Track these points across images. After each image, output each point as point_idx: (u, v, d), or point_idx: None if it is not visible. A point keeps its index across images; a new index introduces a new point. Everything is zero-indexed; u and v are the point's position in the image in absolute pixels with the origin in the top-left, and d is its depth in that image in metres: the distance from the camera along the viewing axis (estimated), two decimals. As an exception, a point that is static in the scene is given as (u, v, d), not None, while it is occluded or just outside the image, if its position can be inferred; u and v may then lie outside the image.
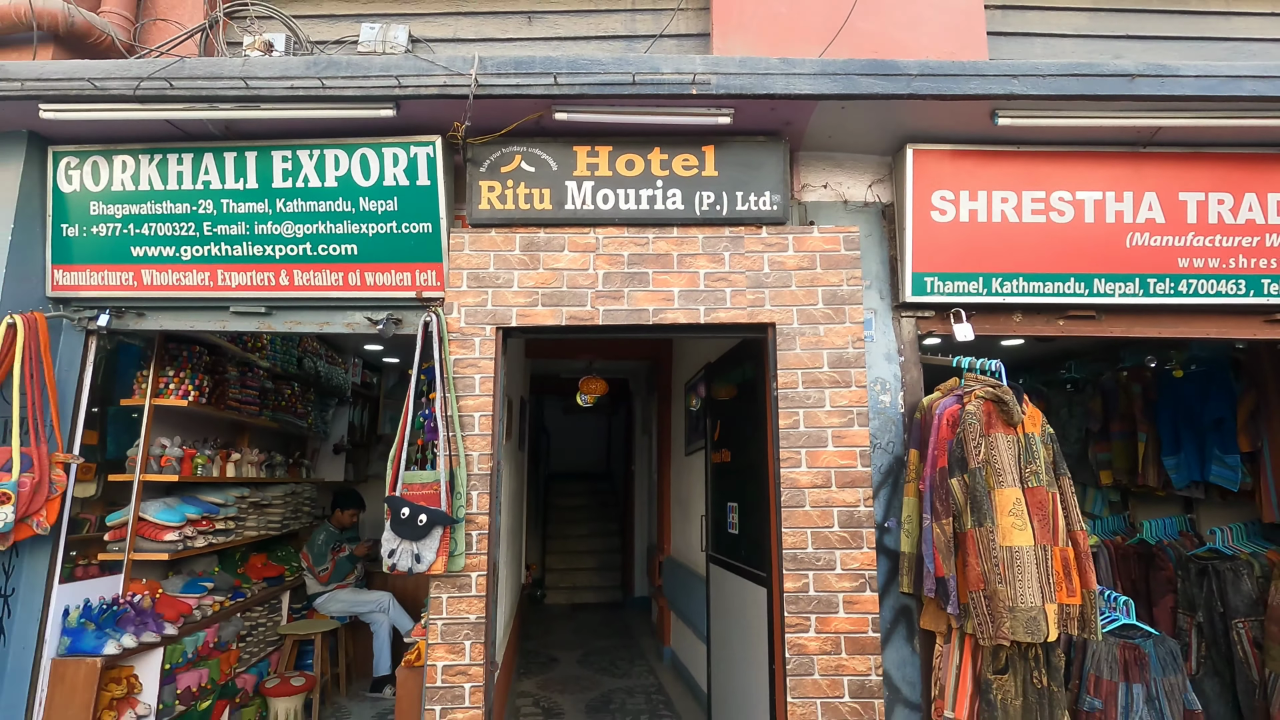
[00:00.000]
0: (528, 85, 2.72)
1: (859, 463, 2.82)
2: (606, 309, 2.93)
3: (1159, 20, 3.49)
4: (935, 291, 3.00)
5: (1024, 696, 2.56)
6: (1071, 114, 2.77)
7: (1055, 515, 2.67)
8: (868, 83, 2.69)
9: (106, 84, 2.75)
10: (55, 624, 3.01)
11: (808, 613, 2.71)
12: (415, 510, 2.67)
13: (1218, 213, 2.97)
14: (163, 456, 3.64)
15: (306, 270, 3.04)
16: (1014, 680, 2.55)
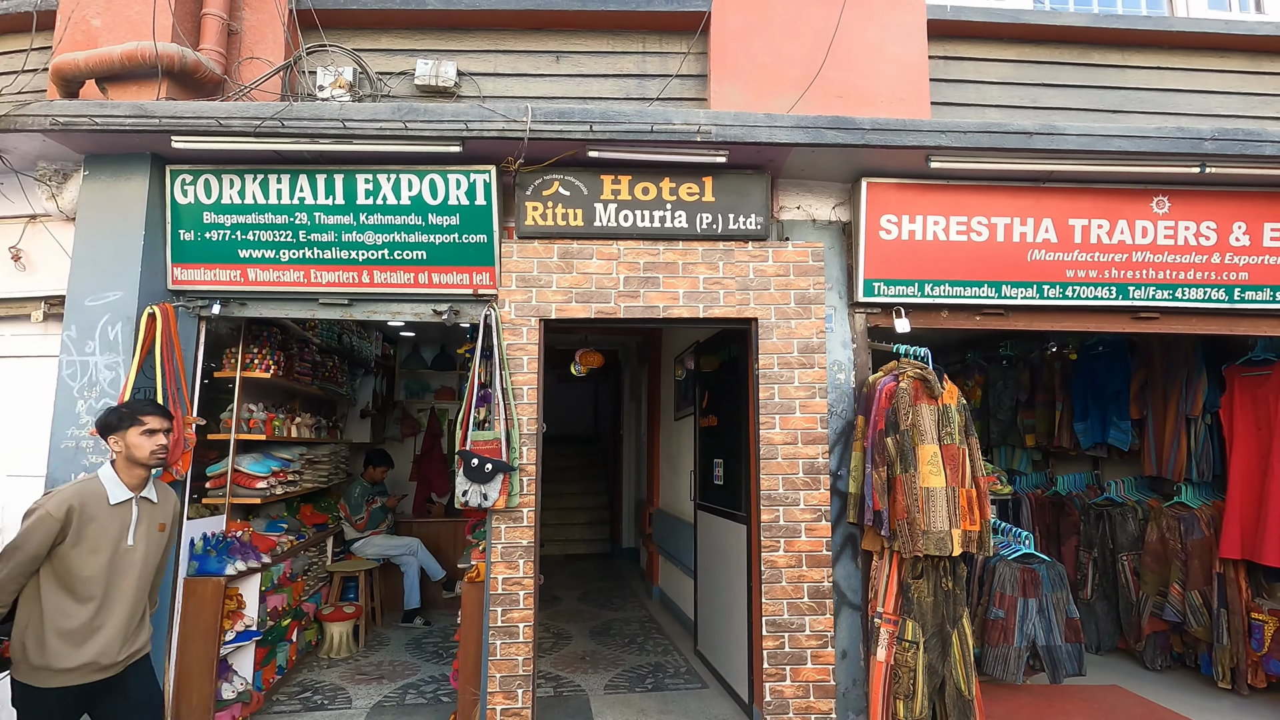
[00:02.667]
0: (568, 131, 3.47)
1: (819, 426, 3.70)
2: (627, 305, 3.73)
3: (1068, 71, 4.32)
4: (881, 294, 3.85)
5: (934, 596, 3.49)
6: (986, 160, 3.61)
7: (964, 465, 3.58)
8: (831, 134, 3.49)
9: (230, 122, 3.43)
10: (185, 551, 3.79)
11: (778, 537, 3.61)
12: (483, 461, 3.49)
13: (1097, 235, 3.85)
14: (251, 419, 4.39)
15: (384, 271, 3.79)
16: (927, 584, 3.48)
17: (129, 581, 2.54)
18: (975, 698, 3.55)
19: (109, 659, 2.48)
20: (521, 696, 3.48)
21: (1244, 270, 3.89)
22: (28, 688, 2.40)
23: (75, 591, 2.43)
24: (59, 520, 2.40)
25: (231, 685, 3.84)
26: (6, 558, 2.39)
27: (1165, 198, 3.85)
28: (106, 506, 2.51)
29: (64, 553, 2.42)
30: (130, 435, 2.59)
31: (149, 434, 2.60)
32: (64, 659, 2.39)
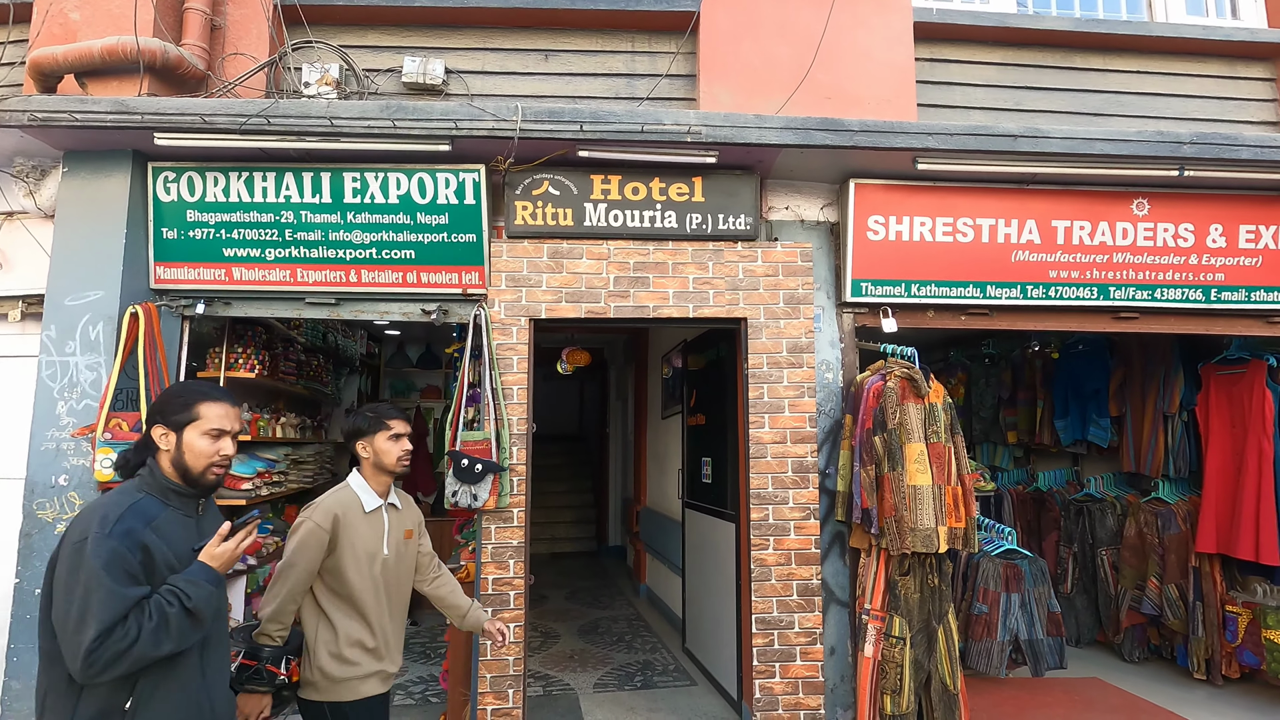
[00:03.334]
0: (558, 130, 3.46)
1: (808, 425, 3.73)
2: (617, 305, 3.74)
3: (1051, 74, 4.39)
4: (869, 294, 3.89)
5: (921, 592, 3.54)
6: (971, 162, 3.66)
7: (949, 463, 3.63)
8: (820, 136, 3.52)
9: (214, 119, 3.38)
10: (169, 554, 3.73)
11: (768, 535, 3.64)
12: (473, 461, 3.47)
13: (1079, 236, 3.92)
14: (235, 420, 4.34)
15: (371, 270, 3.76)
16: (914, 580, 3.53)
17: (391, 592, 2.42)
18: (960, 692, 3.61)
19: (394, 668, 2.42)
20: (512, 696, 3.48)
21: (1220, 271, 3.98)
22: (337, 705, 2.29)
23: (354, 604, 2.32)
24: (327, 531, 2.28)
25: (217, 689, 3.79)
26: (283, 577, 2.28)
27: (1145, 200, 3.93)
28: (363, 515, 2.38)
29: (334, 565, 2.30)
30: (378, 440, 2.45)
31: (395, 439, 2.46)
32: (364, 666, 2.31)
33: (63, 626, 1.61)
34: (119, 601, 1.61)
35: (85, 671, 1.58)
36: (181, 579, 1.72)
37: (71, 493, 3.43)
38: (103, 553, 1.62)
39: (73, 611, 1.59)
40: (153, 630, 1.63)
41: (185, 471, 1.83)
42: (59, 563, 1.67)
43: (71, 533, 1.68)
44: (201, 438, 1.84)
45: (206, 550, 1.81)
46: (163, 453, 1.84)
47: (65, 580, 1.63)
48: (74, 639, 1.58)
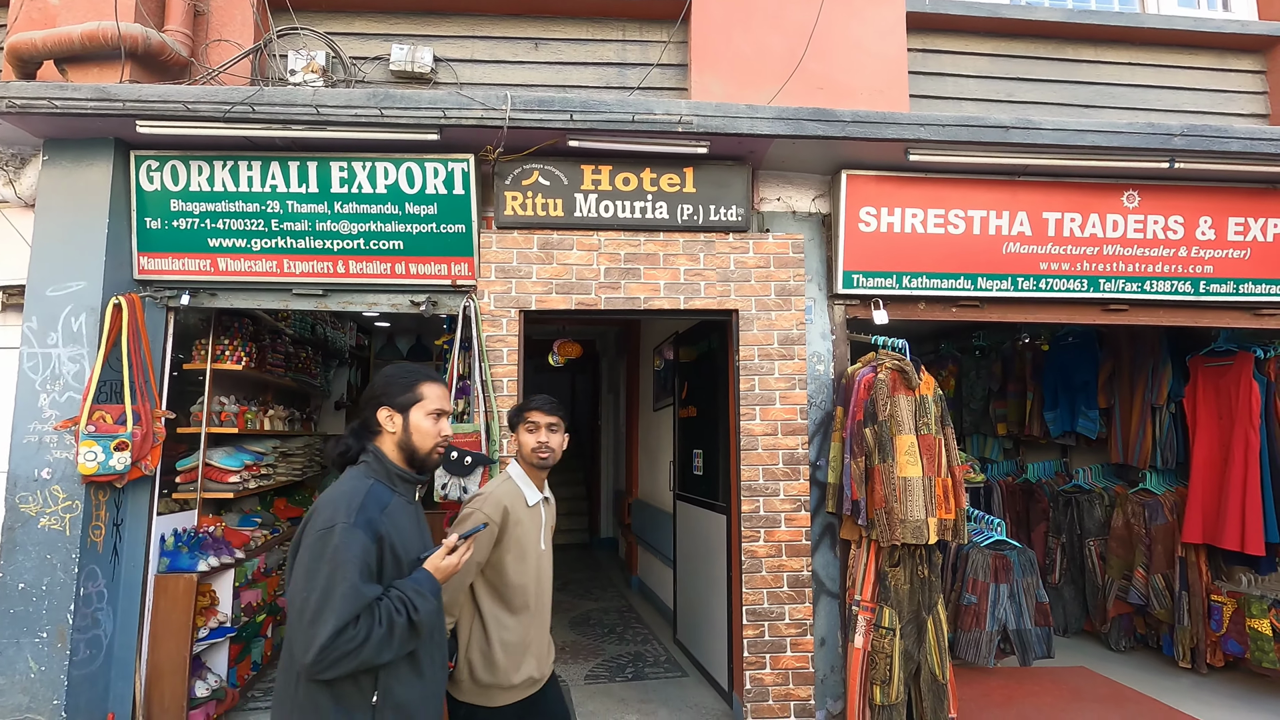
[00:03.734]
0: (548, 120, 3.43)
1: (799, 417, 3.73)
2: (607, 296, 3.71)
3: (1043, 65, 4.38)
4: (860, 285, 3.88)
5: (910, 584, 3.55)
6: (963, 153, 3.65)
7: (940, 455, 3.64)
8: (812, 126, 3.50)
9: (197, 106, 3.33)
10: (155, 548, 3.70)
11: (759, 527, 3.64)
12: (462, 454, 3.45)
13: (1070, 228, 3.92)
14: (222, 412, 4.29)
15: (360, 261, 3.71)
16: (904, 571, 3.54)
17: (545, 587, 2.37)
18: (949, 682, 3.62)
19: (541, 672, 2.32)
20: (503, 689, 3.47)
21: (1209, 264, 3.99)
22: (475, 709, 2.21)
23: (510, 602, 2.24)
24: (497, 524, 2.22)
25: (205, 683, 3.77)
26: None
27: (1135, 192, 3.93)
28: (525, 508, 2.34)
29: (498, 560, 2.24)
30: (520, 433, 2.43)
31: (531, 429, 2.42)
32: (511, 674, 2.21)
33: (299, 613, 1.56)
34: (358, 599, 1.56)
35: (314, 666, 1.53)
36: (410, 588, 1.67)
37: (55, 486, 3.39)
38: (351, 544, 1.59)
39: (312, 600, 1.54)
40: (381, 637, 1.59)
41: (412, 453, 1.83)
42: (302, 548, 1.63)
43: (317, 518, 1.64)
44: (426, 418, 1.84)
45: (433, 561, 1.77)
46: (387, 435, 1.82)
47: (308, 566, 1.58)
48: (309, 630, 1.53)
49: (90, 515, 3.41)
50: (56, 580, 3.32)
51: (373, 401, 1.84)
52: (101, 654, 3.44)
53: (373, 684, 1.65)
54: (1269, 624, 4.33)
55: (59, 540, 3.34)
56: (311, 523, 1.65)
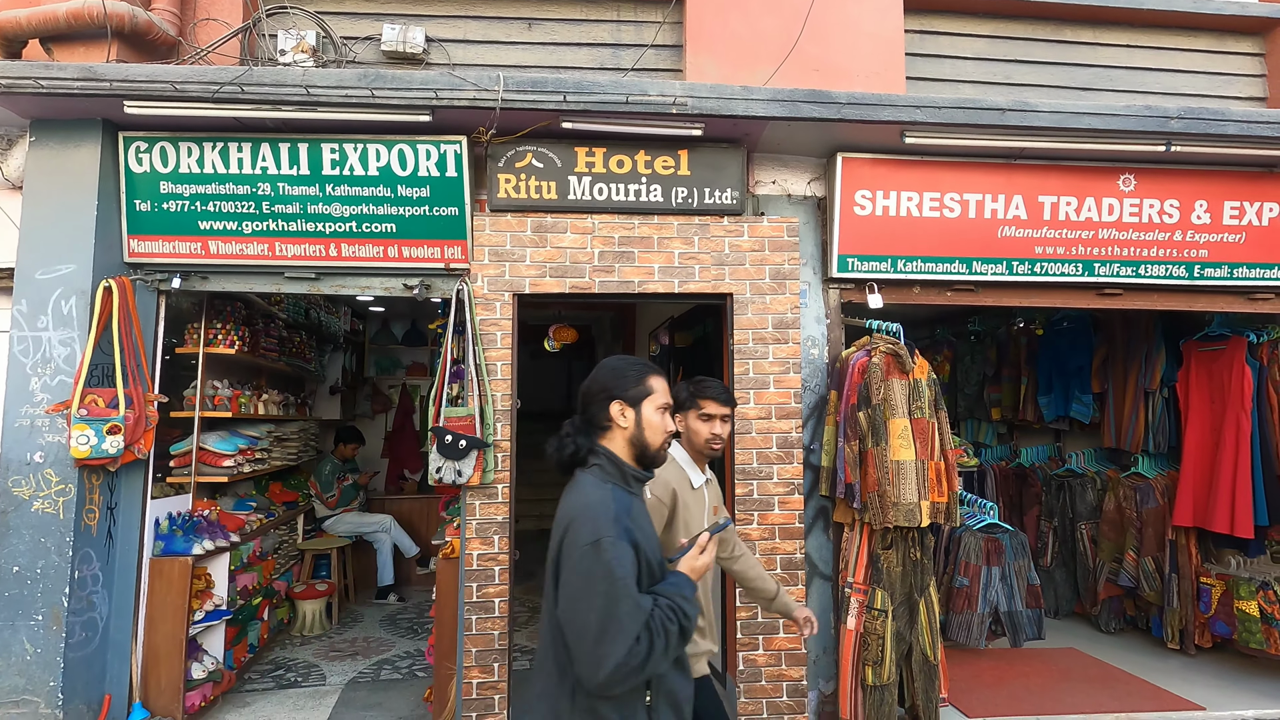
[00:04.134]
0: (542, 101, 3.39)
1: (793, 400, 3.73)
2: (601, 280, 3.70)
3: (1040, 47, 4.35)
4: (855, 269, 3.87)
5: (903, 566, 3.58)
6: (960, 136, 3.62)
7: (933, 439, 3.65)
8: (808, 108, 3.47)
9: (186, 86, 3.28)
10: (150, 531, 3.70)
11: (752, 510, 3.66)
12: (456, 437, 3.45)
13: (1066, 212, 3.91)
14: (215, 396, 4.28)
15: (352, 244, 3.69)
16: (896, 554, 3.56)
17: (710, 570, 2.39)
18: (941, 662, 3.66)
19: (715, 645, 2.36)
20: (498, 670, 3.50)
21: (1204, 248, 3.99)
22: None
23: None
24: (667, 506, 2.22)
25: (202, 665, 3.79)
26: None
27: (1132, 176, 3.91)
28: (690, 490, 2.33)
29: (667, 542, 2.22)
30: (690, 418, 2.40)
31: (706, 419, 2.39)
32: (698, 643, 2.24)
33: (580, 633, 1.50)
34: (639, 614, 1.50)
35: (607, 685, 1.48)
36: (676, 595, 1.61)
37: (48, 470, 3.38)
38: (622, 558, 1.52)
39: (593, 620, 1.48)
40: (661, 649, 1.53)
41: (643, 449, 1.74)
42: (567, 567, 1.54)
43: (577, 533, 1.55)
44: (655, 412, 1.75)
45: (687, 562, 1.71)
46: (617, 432, 1.73)
47: (580, 586, 1.51)
48: (595, 650, 1.47)
49: (84, 499, 3.41)
50: (51, 563, 3.33)
51: (602, 395, 1.73)
52: (97, 636, 3.46)
53: (645, 683, 1.60)
54: (1257, 605, 4.38)
55: (52, 524, 3.34)
56: (570, 538, 1.56)
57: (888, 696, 3.47)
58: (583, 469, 1.69)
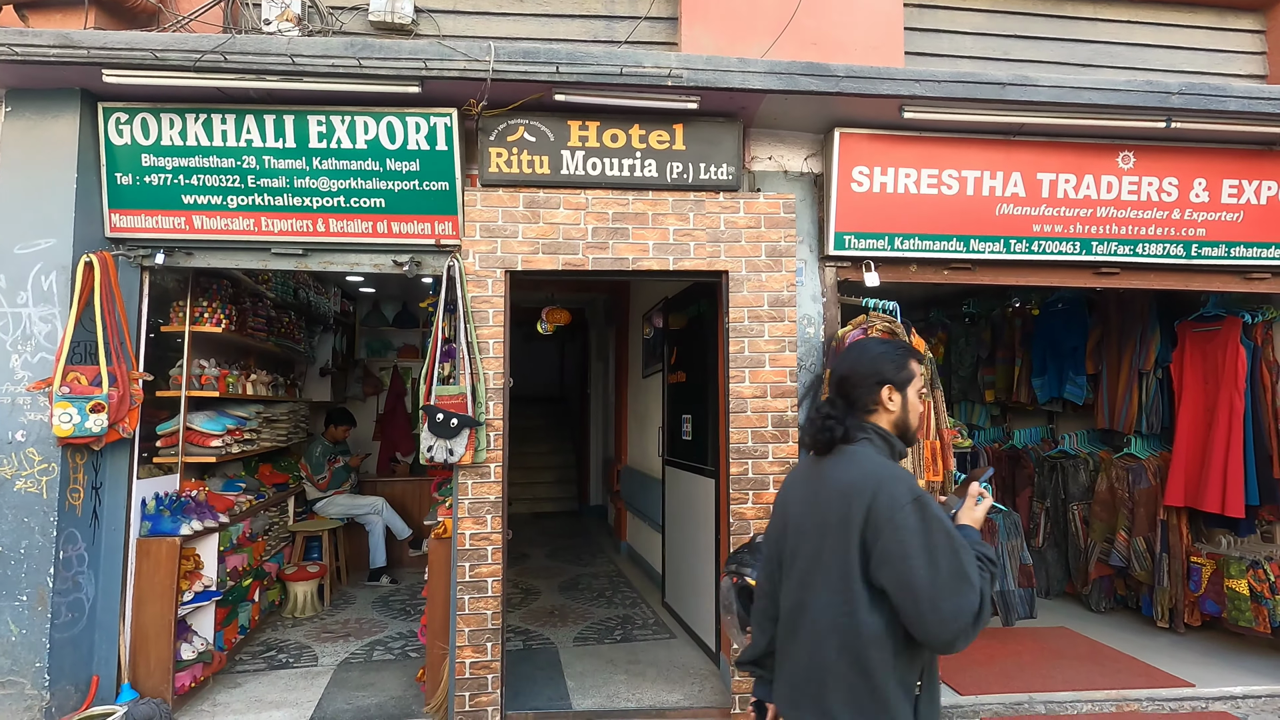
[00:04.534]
0: (534, 72, 3.31)
1: (788, 379, 3.70)
2: (595, 257, 3.64)
3: (1040, 23, 4.29)
4: (852, 247, 3.82)
5: (897, 544, 3.56)
6: (959, 111, 3.56)
7: (928, 418, 3.63)
8: (805, 81, 3.40)
9: (166, 55, 3.18)
10: (136, 511, 3.65)
11: (747, 489, 3.63)
12: (448, 416, 3.40)
13: (1064, 189, 3.87)
14: (202, 376, 4.21)
15: (340, 219, 3.61)
16: (891, 533, 3.55)
17: None
18: (934, 641, 3.67)
19: None
20: (490, 650, 3.48)
21: (1202, 226, 3.96)
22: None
23: None
24: None
25: (191, 645, 3.76)
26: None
27: (1131, 153, 3.87)
28: None
29: None
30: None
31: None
32: None
33: (921, 593, 1.43)
34: (975, 566, 1.49)
35: (958, 637, 1.43)
36: (979, 547, 1.59)
37: (30, 448, 3.32)
38: (943, 512, 1.50)
39: (938, 575, 1.43)
40: (988, 598, 1.48)
41: (905, 431, 1.73)
42: (888, 530, 1.47)
43: (895, 494, 1.50)
44: (916, 395, 1.75)
45: (966, 514, 1.70)
46: (884, 414, 1.71)
47: (917, 544, 1.45)
48: (953, 602, 1.42)
49: (68, 478, 3.35)
50: (35, 544, 3.27)
51: (871, 380, 1.70)
52: (84, 617, 3.41)
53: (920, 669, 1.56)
54: (1247, 584, 4.40)
55: (36, 503, 3.28)
56: (882, 501, 1.50)
57: (881, 674, 3.47)
58: (847, 443, 1.66)
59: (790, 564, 1.68)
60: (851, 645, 1.51)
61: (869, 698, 1.50)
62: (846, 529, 1.53)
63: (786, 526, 1.72)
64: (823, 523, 1.59)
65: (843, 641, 1.52)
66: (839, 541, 1.54)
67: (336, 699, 3.83)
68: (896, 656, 1.50)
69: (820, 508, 1.61)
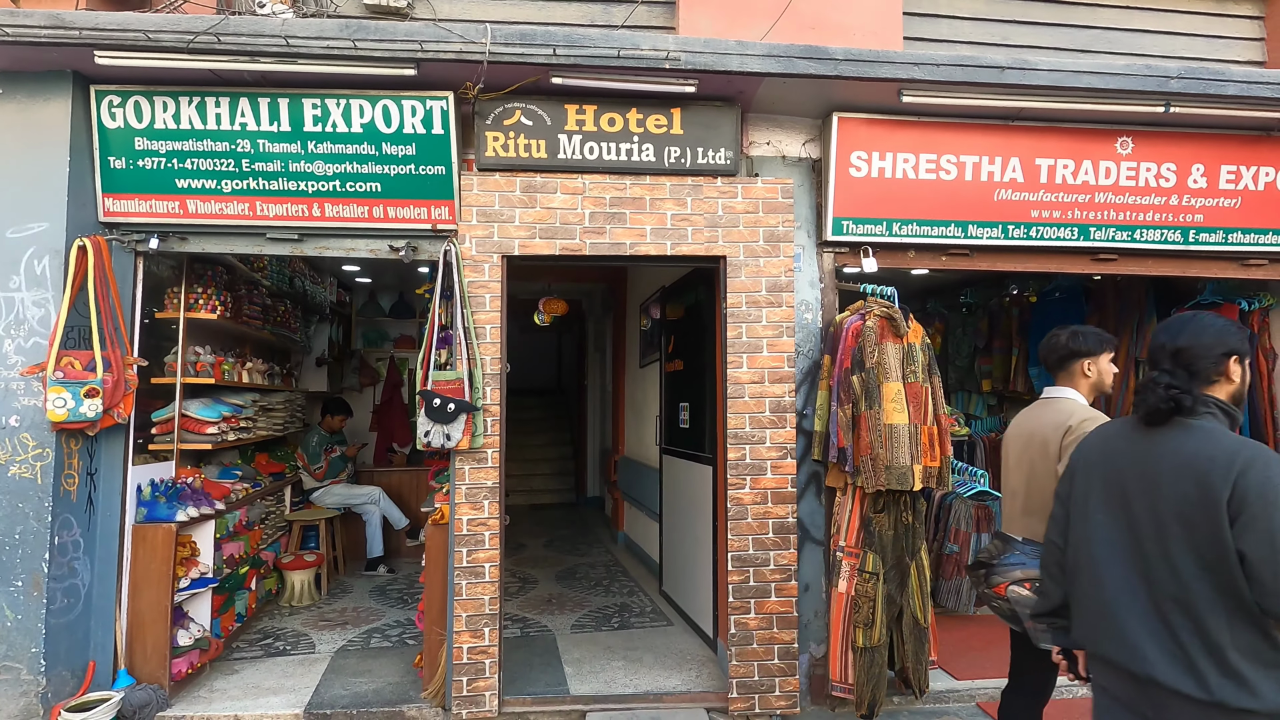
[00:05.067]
0: (531, 54, 3.29)
1: (786, 365, 3.69)
2: (592, 242, 3.62)
3: (1039, 8, 4.28)
4: (850, 233, 3.81)
5: (894, 529, 3.57)
6: (957, 95, 3.55)
7: (926, 403, 3.63)
8: (804, 64, 3.38)
9: (159, 36, 3.15)
10: (132, 497, 3.63)
11: (744, 475, 3.63)
12: (445, 400, 3.39)
13: (1063, 175, 3.86)
14: (198, 362, 4.19)
15: (336, 204, 3.59)
16: (888, 517, 3.55)
17: None
18: (930, 625, 3.68)
19: None
20: (488, 635, 3.48)
21: (1199, 212, 3.96)
22: None
23: None
24: None
25: (188, 632, 3.75)
26: None
27: (1129, 138, 3.86)
28: None
29: None
30: (1102, 361, 2.60)
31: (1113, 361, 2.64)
32: None
33: None
34: None
35: None
36: None
37: (24, 434, 3.30)
38: None
39: None
40: None
41: (1239, 401, 1.80)
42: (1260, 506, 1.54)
43: (1271, 470, 1.55)
44: (1248, 369, 1.81)
45: None
46: (1224, 386, 1.76)
47: None
48: None
49: (62, 464, 3.33)
50: (30, 529, 3.26)
51: (1219, 351, 1.75)
52: (80, 603, 3.40)
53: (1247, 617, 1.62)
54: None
55: (30, 489, 3.27)
56: (1255, 477, 1.56)
57: (878, 658, 3.48)
58: (1190, 417, 1.70)
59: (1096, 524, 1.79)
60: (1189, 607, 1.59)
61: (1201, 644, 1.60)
62: (1206, 501, 1.58)
63: (1090, 491, 1.82)
64: (1171, 494, 1.64)
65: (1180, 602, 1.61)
66: (1192, 511, 1.60)
67: (334, 685, 3.83)
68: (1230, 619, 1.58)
69: (1164, 479, 1.66)
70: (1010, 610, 2.51)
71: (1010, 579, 2.50)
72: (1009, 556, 2.58)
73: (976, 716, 3.72)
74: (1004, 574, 2.54)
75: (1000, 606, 2.59)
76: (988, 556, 2.67)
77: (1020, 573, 2.49)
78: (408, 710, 3.57)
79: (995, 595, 2.57)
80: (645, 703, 3.64)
